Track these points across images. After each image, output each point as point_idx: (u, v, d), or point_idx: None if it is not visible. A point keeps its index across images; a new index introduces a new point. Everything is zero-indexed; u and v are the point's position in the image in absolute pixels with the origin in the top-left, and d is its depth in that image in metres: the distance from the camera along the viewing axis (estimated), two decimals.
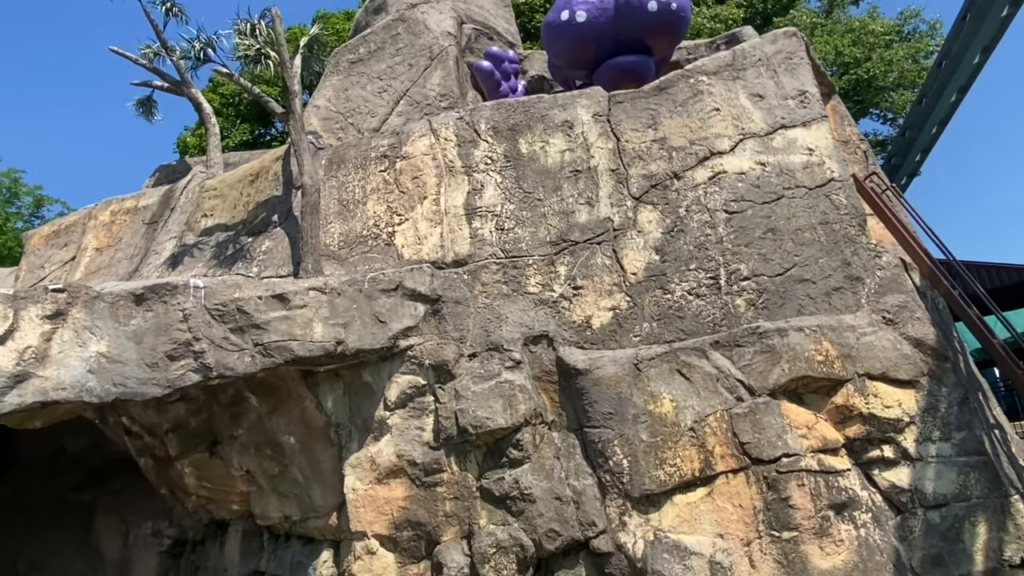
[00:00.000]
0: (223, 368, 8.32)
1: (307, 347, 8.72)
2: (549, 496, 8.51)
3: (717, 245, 9.62)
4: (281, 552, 9.65)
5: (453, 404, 9.05)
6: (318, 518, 9.38)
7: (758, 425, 8.37)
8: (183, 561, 10.19)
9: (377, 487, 9.03)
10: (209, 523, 10.20)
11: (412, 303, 9.57)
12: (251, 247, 10.68)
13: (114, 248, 12.27)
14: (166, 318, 8.23)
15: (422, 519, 8.83)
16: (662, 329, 9.30)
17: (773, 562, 7.91)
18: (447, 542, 8.72)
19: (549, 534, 8.33)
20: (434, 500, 8.86)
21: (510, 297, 9.72)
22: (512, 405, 8.88)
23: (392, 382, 9.35)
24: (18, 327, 7.57)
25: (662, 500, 8.29)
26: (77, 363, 7.68)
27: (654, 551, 7.99)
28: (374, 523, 8.93)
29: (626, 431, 8.53)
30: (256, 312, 8.60)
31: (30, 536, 11.00)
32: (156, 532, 10.47)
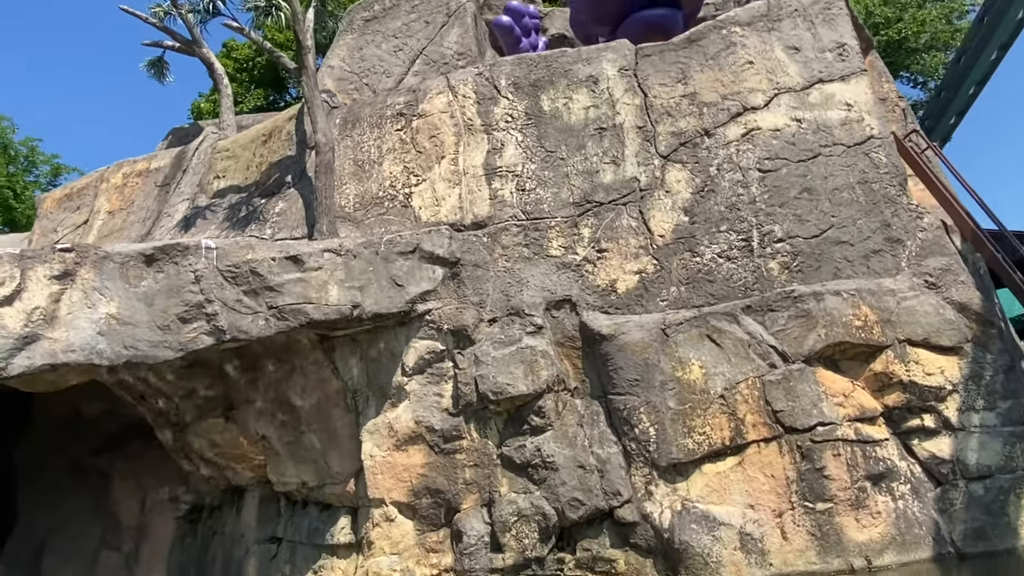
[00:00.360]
0: (236, 331, 8.06)
1: (322, 310, 8.43)
2: (572, 464, 8.22)
3: (750, 206, 9.16)
4: (298, 518, 9.49)
5: (473, 370, 8.75)
6: (335, 484, 9.19)
7: (792, 393, 7.99)
8: (200, 527, 10.09)
9: (395, 454, 8.80)
10: (226, 489, 10.06)
11: (430, 266, 9.23)
12: (264, 209, 10.37)
13: (126, 211, 12.02)
14: (177, 280, 7.96)
15: (441, 486, 8.60)
16: (691, 293, 8.90)
17: (806, 534, 7.60)
18: (467, 510, 8.50)
19: (572, 503, 8.07)
20: (453, 467, 8.61)
21: (531, 260, 9.36)
22: (534, 371, 8.57)
23: (410, 347, 9.06)
24: (25, 287, 7.34)
25: (690, 469, 7.98)
26: (86, 325, 7.45)
27: (681, 521, 7.70)
28: (392, 490, 8.71)
29: (653, 398, 8.20)
30: (270, 274, 8.31)
31: (48, 499, 10.96)
32: (173, 497, 10.37)
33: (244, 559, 9.54)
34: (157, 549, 10.05)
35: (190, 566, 9.84)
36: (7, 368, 7.05)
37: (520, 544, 8.09)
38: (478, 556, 8.22)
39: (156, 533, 10.17)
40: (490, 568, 8.14)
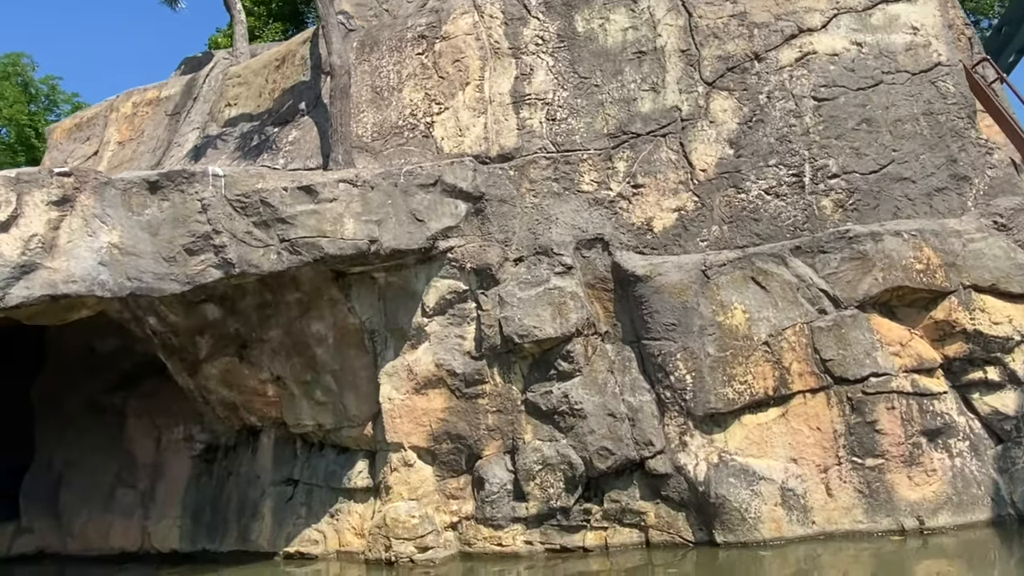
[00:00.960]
0: (246, 265, 7.55)
1: (338, 245, 7.87)
2: (602, 412, 7.71)
3: (802, 137, 8.34)
4: (315, 461, 9.16)
5: (497, 311, 8.20)
6: (352, 427, 8.81)
7: (843, 340, 7.34)
8: (216, 467, 9.83)
9: (414, 397, 8.35)
10: (241, 429, 9.75)
11: (452, 200, 8.60)
12: (277, 137, 9.75)
13: (136, 141, 11.47)
14: (183, 208, 7.43)
15: (462, 432, 8.16)
16: (734, 233, 8.20)
17: (853, 491, 7.06)
18: (489, 456, 8.07)
19: (601, 452, 7.59)
20: (475, 412, 8.16)
21: (561, 196, 8.68)
22: (562, 313, 7.99)
23: (430, 287, 8.51)
24: (22, 213, 6.85)
25: (729, 420, 7.43)
26: (87, 254, 6.98)
27: (718, 474, 7.20)
28: (411, 434, 8.30)
29: (691, 344, 7.60)
30: (281, 205, 7.74)
31: (64, 435, 10.77)
32: (188, 437, 10.09)
33: (260, 500, 9.27)
34: (172, 488, 9.83)
35: (205, 506, 9.62)
36: (5, 298, 6.62)
37: (545, 493, 7.67)
38: (500, 504, 7.82)
39: (171, 472, 9.93)
40: (512, 517, 7.75)
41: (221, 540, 9.34)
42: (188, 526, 9.60)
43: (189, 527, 9.59)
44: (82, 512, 10.17)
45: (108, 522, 9.96)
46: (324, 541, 8.66)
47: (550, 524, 7.65)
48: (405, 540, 7.83)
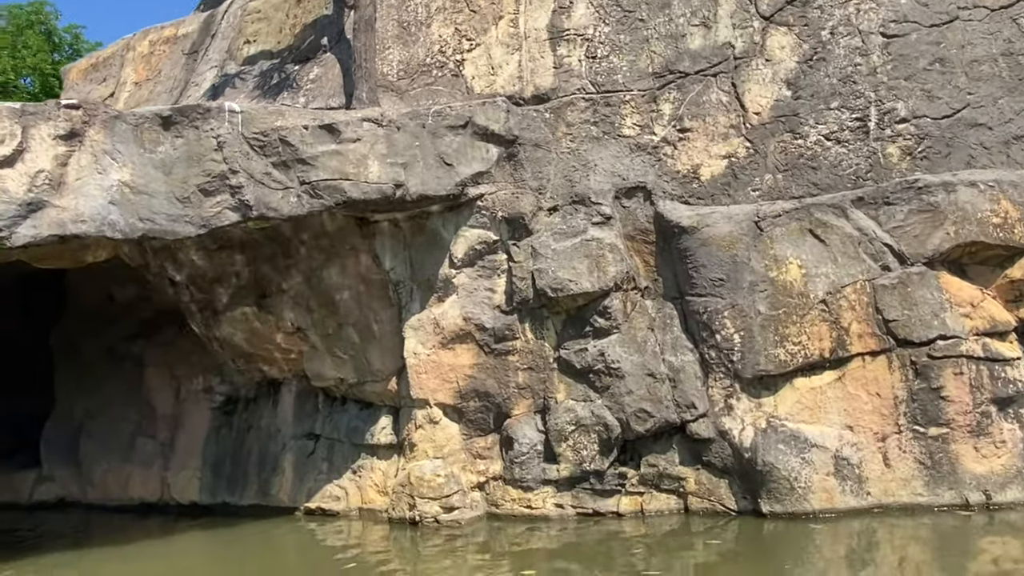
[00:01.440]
0: (265, 208, 7.06)
1: (361, 188, 7.34)
2: (640, 372, 7.21)
3: (868, 78, 7.57)
4: (337, 416, 8.81)
5: (529, 263, 7.66)
6: (376, 382, 8.41)
7: (909, 300, 6.72)
8: (236, 419, 9.54)
9: (441, 352, 7.91)
10: (261, 382, 9.42)
11: (483, 144, 8.00)
12: (298, 75, 9.16)
13: (153, 82, 10.95)
14: (198, 146, 6.93)
15: (491, 389, 7.72)
16: (789, 182, 7.52)
17: (913, 462, 6.52)
18: (518, 416, 7.63)
19: (639, 414, 7.10)
20: (505, 369, 7.70)
21: (601, 141, 8.03)
22: (600, 266, 7.44)
23: (459, 236, 7.98)
24: (28, 147, 6.39)
25: (780, 383, 6.89)
26: (97, 193, 6.53)
27: (766, 441, 6.69)
28: (437, 391, 7.88)
29: (740, 301, 7.02)
30: (302, 144, 7.20)
31: (84, 384, 10.55)
32: (207, 388, 9.80)
33: (280, 454, 8.98)
34: (192, 439, 9.58)
35: (225, 458, 9.35)
36: (11, 237, 6.22)
37: (577, 456, 7.23)
38: (530, 466, 7.41)
39: (191, 423, 9.67)
40: (543, 479, 7.34)
41: (241, 493, 9.09)
42: (208, 478, 9.36)
43: (209, 479, 9.35)
44: (102, 461, 9.98)
45: (128, 472, 9.77)
46: (346, 498, 8.36)
47: (582, 488, 7.23)
48: (430, 499, 7.47)
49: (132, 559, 7.43)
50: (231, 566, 7.24)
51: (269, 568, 6.84)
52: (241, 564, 7.14)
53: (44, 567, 7.19)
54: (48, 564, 7.29)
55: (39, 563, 7.30)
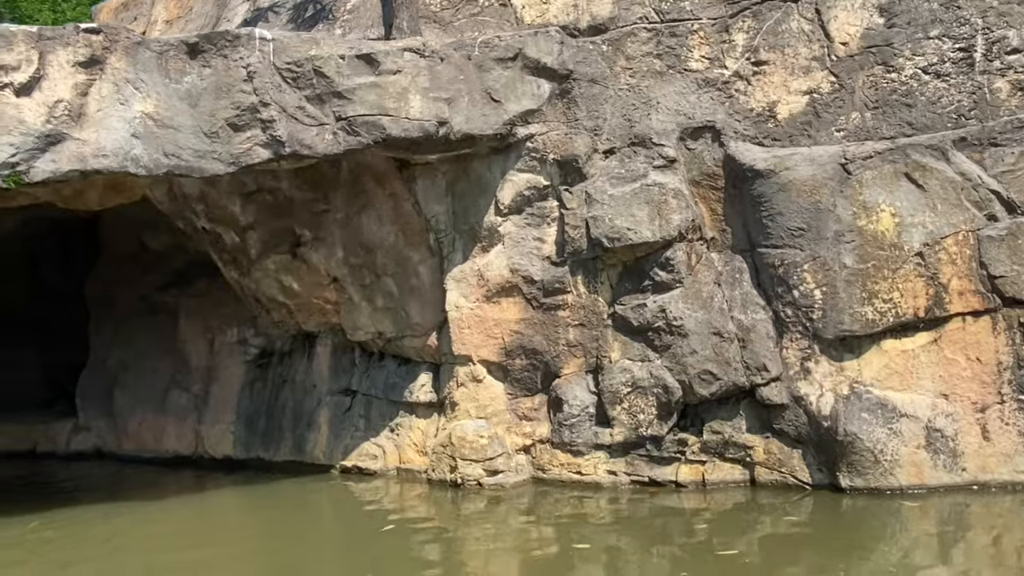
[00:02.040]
0: (298, 145, 6.46)
1: (402, 125, 6.69)
2: (705, 330, 6.51)
3: (975, 2, 6.58)
4: (374, 371, 8.32)
5: (583, 211, 6.97)
6: (415, 337, 7.87)
7: (1019, 254, 5.87)
8: (270, 372, 9.14)
9: (485, 306, 7.31)
10: (296, 335, 8.98)
11: (534, 79, 7.25)
12: (333, 7, 8.46)
13: (184, 19, 10.38)
14: (227, 76, 6.33)
15: (539, 347, 7.11)
16: (879, 121, 6.63)
17: (1016, 435, 5.76)
18: (568, 376, 7.03)
19: (703, 376, 6.44)
20: (554, 325, 7.08)
21: (664, 76, 7.21)
22: (662, 214, 6.71)
23: (506, 181, 7.31)
24: (45, 74, 5.87)
25: (865, 345, 6.14)
26: (119, 125, 6.00)
27: (848, 408, 5.97)
28: (481, 347, 7.31)
29: (822, 253, 6.24)
30: (338, 76, 6.55)
31: (118, 335, 10.26)
32: (242, 340, 9.40)
33: (316, 410, 8.56)
34: (226, 392, 9.23)
35: (260, 413, 8.98)
36: (30, 172, 5.74)
37: (633, 419, 6.61)
38: (580, 429, 6.83)
39: (225, 376, 9.31)
40: (594, 443, 6.76)
41: (275, 449, 8.72)
42: (242, 433, 9.01)
43: (243, 434, 9.00)
44: (137, 413, 9.72)
45: (162, 424, 9.48)
46: (383, 456, 7.91)
47: (638, 454, 6.63)
48: (472, 461, 6.96)
49: (166, 513, 7.12)
50: (266, 523, 6.86)
51: (306, 526, 6.44)
52: (276, 521, 6.75)
53: (77, 519, 6.92)
54: (82, 516, 7.01)
55: (72, 515, 7.03)
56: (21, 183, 5.73)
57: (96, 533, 6.46)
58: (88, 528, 6.61)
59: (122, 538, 6.30)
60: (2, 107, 5.62)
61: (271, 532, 6.46)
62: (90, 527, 6.65)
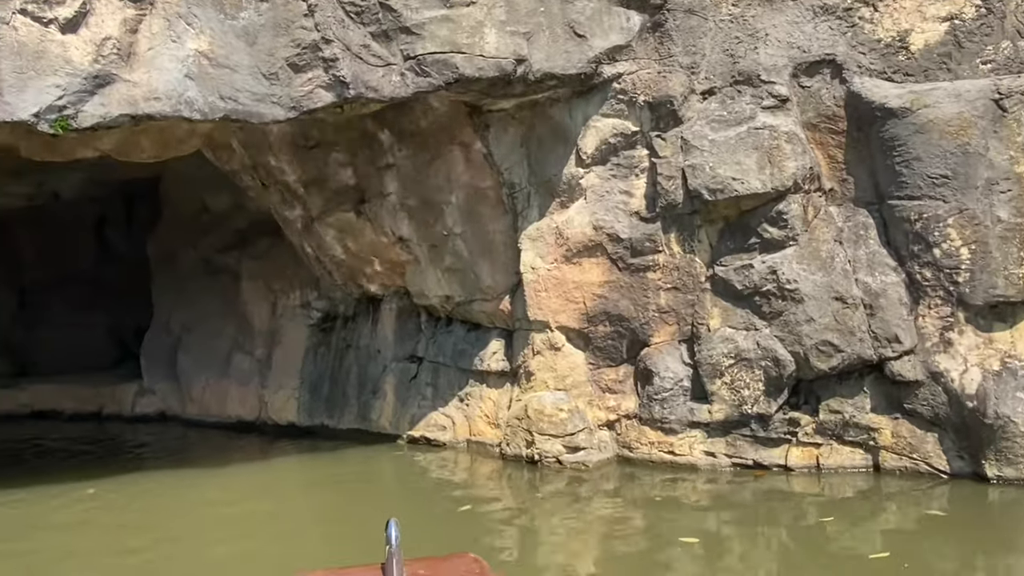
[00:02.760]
0: (363, 86, 5.79)
1: (475, 64, 5.93)
2: (825, 295, 5.63)
3: None
4: (441, 337, 7.73)
5: (679, 159, 6.11)
6: (486, 301, 7.22)
7: None
8: (334, 337, 8.67)
9: (564, 267, 6.58)
10: (360, 298, 8.46)
11: (623, 10, 6.37)
12: None
13: None
14: (286, 11, 5.66)
15: (625, 312, 6.36)
16: None
17: None
18: (659, 345, 6.26)
19: (822, 348, 5.57)
20: (643, 289, 6.30)
21: (773, 4, 6.20)
22: (773, 161, 5.79)
23: (589, 127, 6.49)
24: (92, 9, 5.32)
25: (1021, 313, 5.16)
26: (172, 65, 5.43)
27: (1000, 386, 5.04)
28: (559, 312, 6.60)
29: (971, 205, 5.25)
30: (406, 10, 5.81)
31: (181, 298, 9.97)
32: (304, 303, 8.96)
33: (381, 376, 8.05)
34: (289, 357, 8.82)
35: (323, 379, 8.55)
36: (78, 116, 5.24)
37: (736, 396, 5.82)
38: (673, 404, 6.08)
39: (288, 340, 8.90)
40: (690, 421, 6.01)
41: (340, 417, 8.28)
42: (306, 399, 8.60)
43: (307, 400, 8.59)
44: (200, 376, 9.43)
45: (225, 388, 9.16)
46: (452, 427, 7.35)
47: (741, 434, 5.85)
48: (551, 437, 6.31)
49: (230, 479, 6.75)
50: (332, 492, 6.40)
51: (376, 505, 5.92)
52: (345, 496, 6.26)
53: (142, 483, 6.63)
54: (146, 481, 6.72)
55: (137, 480, 6.73)
56: (69, 129, 5.24)
57: (158, 499, 6.14)
58: (150, 494, 6.29)
59: (183, 507, 5.93)
60: (47, 45, 5.11)
61: (339, 509, 5.97)
62: (153, 493, 6.33)
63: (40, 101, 5.13)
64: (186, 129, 6.35)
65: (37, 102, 5.12)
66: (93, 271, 12.51)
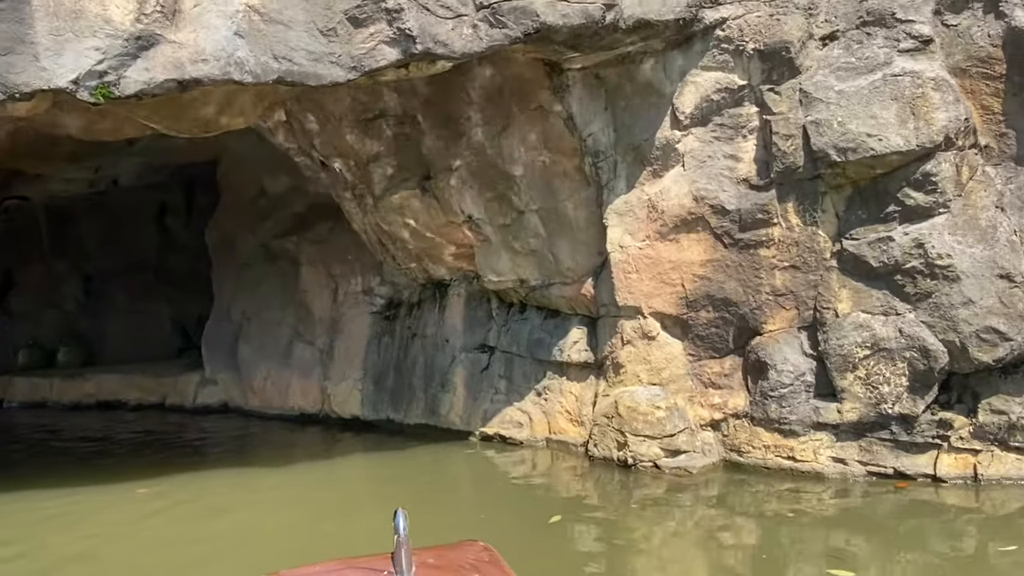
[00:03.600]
0: (431, 41, 5.04)
1: (559, 11, 5.10)
2: (987, 271, 4.63)
3: None
4: (515, 325, 7.01)
5: (797, 115, 5.17)
6: (566, 284, 6.45)
7: None
8: (398, 325, 8.06)
9: (659, 245, 5.73)
10: (426, 283, 7.81)
11: None
12: None
13: None
14: None
15: (732, 295, 5.48)
16: None
17: None
18: (774, 333, 5.36)
19: (984, 335, 4.58)
20: (754, 268, 5.40)
21: None
22: (918, 113, 4.80)
23: (687, 83, 5.60)
24: None
25: None
26: (219, 22, 4.80)
27: None
28: (653, 296, 5.76)
29: None
30: None
31: (241, 285, 9.54)
32: (367, 290, 8.37)
33: (449, 368, 7.38)
34: (352, 347, 8.26)
35: (388, 370, 7.95)
36: (120, 82, 4.67)
37: (873, 393, 4.88)
38: (793, 402, 5.18)
39: (350, 329, 8.34)
40: (814, 421, 5.10)
41: (406, 411, 7.66)
42: (370, 391, 8.02)
43: (371, 392, 8.01)
44: (261, 366, 8.99)
45: (286, 380, 8.68)
46: (529, 424, 6.63)
47: (878, 437, 4.91)
48: (647, 438, 5.50)
49: (294, 476, 6.22)
50: (401, 496, 5.76)
51: (452, 508, 5.26)
52: (417, 499, 5.59)
53: (203, 481, 6.15)
54: (208, 478, 6.25)
55: (198, 476, 6.27)
56: (111, 97, 4.68)
57: (217, 496, 5.66)
58: (209, 492, 5.81)
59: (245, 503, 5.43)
60: (85, 4, 4.54)
61: (411, 512, 5.32)
62: (217, 489, 5.86)
63: (79, 66, 4.57)
64: (236, 98, 5.75)
65: (76, 67, 4.57)
66: (156, 260, 12.34)
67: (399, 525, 2.02)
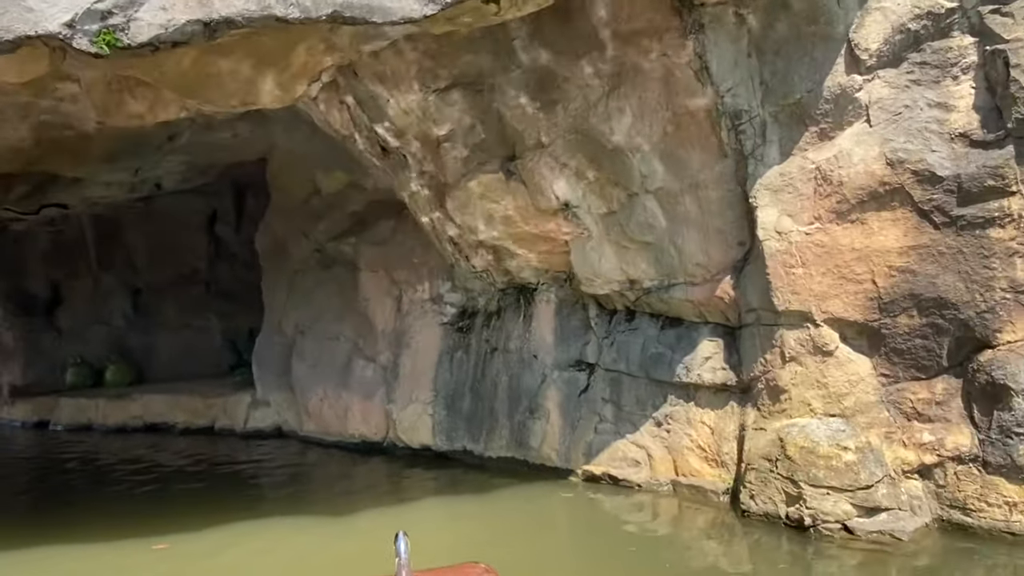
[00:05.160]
0: None
1: None
2: None
3: None
4: (622, 337, 5.57)
5: None
6: (693, 285, 5.00)
7: None
8: (473, 338, 6.71)
9: (835, 228, 4.23)
10: (507, 288, 6.44)
11: None
12: None
13: None
14: None
15: (947, 293, 3.92)
16: None
17: None
18: (1015, 346, 3.77)
19: None
20: (981, 256, 3.85)
21: None
22: None
23: (870, 10, 4.12)
24: None
25: None
26: None
27: None
28: (828, 297, 4.25)
29: None
30: None
31: (293, 295, 8.37)
32: (435, 297, 7.06)
33: (539, 390, 5.99)
34: (420, 364, 6.96)
35: (463, 391, 6.60)
36: (129, 26, 3.47)
37: None
38: None
39: (417, 343, 7.04)
40: None
41: (487, 440, 6.30)
42: (442, 416, 6.68)
43: (443, 418, 6.67)
44: (316, 386, 7.76)
45: (345, 402, 7.43)
46: (648, 463, 5.19)
47: None
48: (831, 490, 3.98)
49: (353, 523, 4.92)
50: (485, 544, 4.31)
51: (549, 551, 3.83)
52: (502, 553, 4.17)
53: (236, 530, 4.89)
54: (244, 528, 4.97)
55: (228, 528, 4.99)
56: (118, 46, 3.47)
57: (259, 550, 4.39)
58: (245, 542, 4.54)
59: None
60: None
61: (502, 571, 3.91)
62: (249, 542, 4.58)
63: (75, 4, 3.38)
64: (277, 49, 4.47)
65: (71, 6, 3.37)
66: (206, 271, 11.39)
67: (400, 548, 2.06)
